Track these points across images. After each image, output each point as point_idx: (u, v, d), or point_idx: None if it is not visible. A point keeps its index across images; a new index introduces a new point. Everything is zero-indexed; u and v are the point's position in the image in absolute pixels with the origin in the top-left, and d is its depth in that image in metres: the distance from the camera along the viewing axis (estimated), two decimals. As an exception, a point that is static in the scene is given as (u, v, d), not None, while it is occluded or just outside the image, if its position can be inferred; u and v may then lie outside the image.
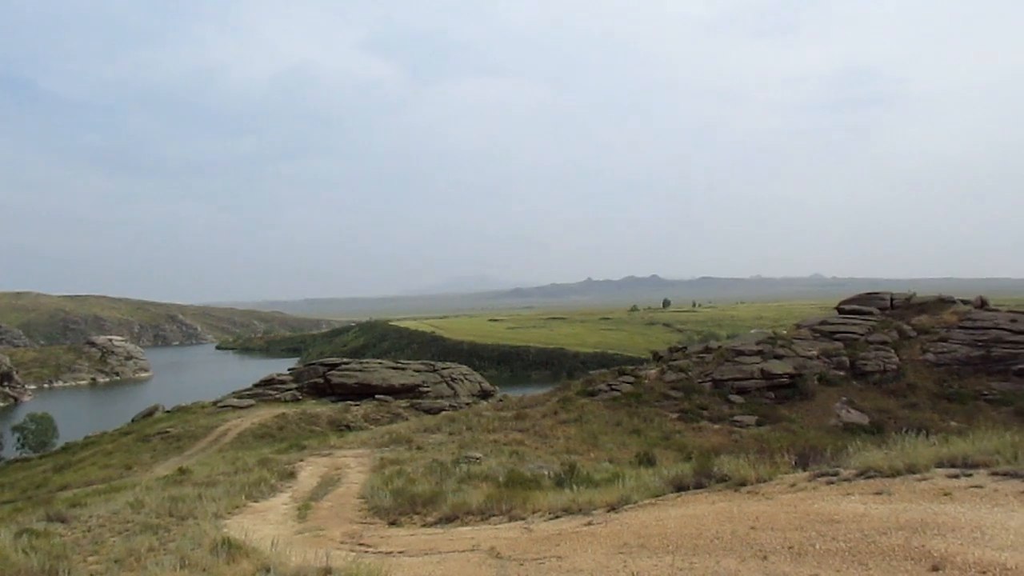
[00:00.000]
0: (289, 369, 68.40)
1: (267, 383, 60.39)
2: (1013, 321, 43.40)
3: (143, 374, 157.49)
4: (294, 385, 58.94)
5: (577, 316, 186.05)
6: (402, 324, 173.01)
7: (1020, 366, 39.64)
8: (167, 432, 47.23)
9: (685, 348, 49.03)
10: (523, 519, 12.94)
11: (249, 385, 62.43)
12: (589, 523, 10.96)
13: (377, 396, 54.54)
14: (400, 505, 16.04)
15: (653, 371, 43.49)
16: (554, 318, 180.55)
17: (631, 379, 41.79)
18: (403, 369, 60.56)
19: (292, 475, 23.07)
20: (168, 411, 58.26)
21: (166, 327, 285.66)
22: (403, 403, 53.47)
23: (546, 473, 20.14)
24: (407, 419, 45.13)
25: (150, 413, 58.39)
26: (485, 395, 59.04)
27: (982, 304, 48.23)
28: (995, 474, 9.84)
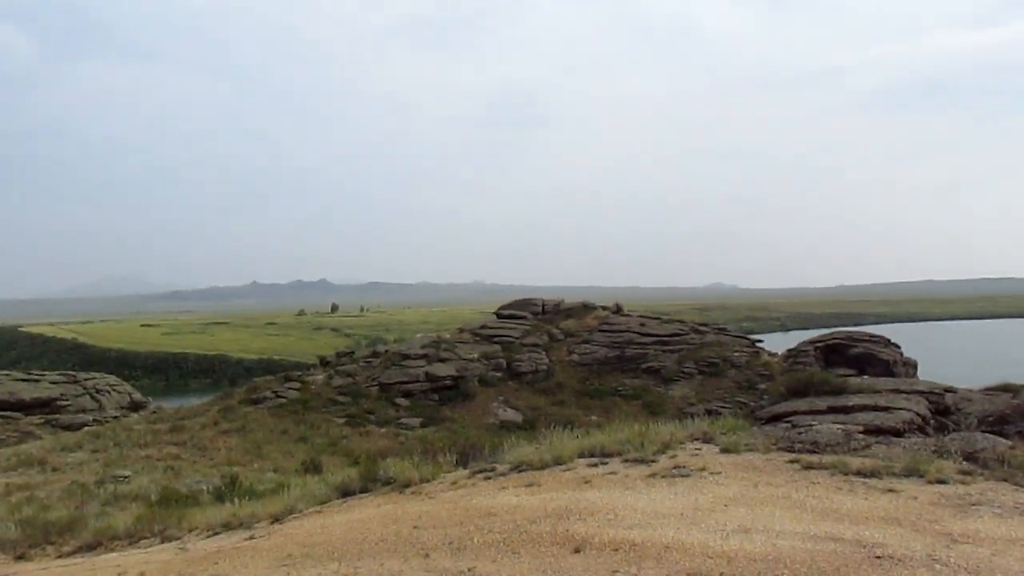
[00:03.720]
0: None
1: None
2: (642, 325, 49.35)
3: None
4: None
5: (241, 321, 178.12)
6: (36, 330, 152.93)
7: (647, 364, 45.07)
8: None
9: (353, 353, 49.26)
10: (179, 539, 12.17)
11: None
12: (251, 537, 10.55)
13: (2, 413, 47.88)
14: (30, 536, 14.31)
15: (320, 376, 43.12)
16: (216, 323, 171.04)
17: (298, 385, 41.09)
18: (37, 381, 53.71)
19: None
20: None
21: None
22: (36, 419, 47.39)
23: (205, 488, 19.19)
24: (41, 438, 40.13)
25: None
26: (136, 407, 54.28)
27: (618, 310, 54.17)
28: (626, 461, 11.21)
